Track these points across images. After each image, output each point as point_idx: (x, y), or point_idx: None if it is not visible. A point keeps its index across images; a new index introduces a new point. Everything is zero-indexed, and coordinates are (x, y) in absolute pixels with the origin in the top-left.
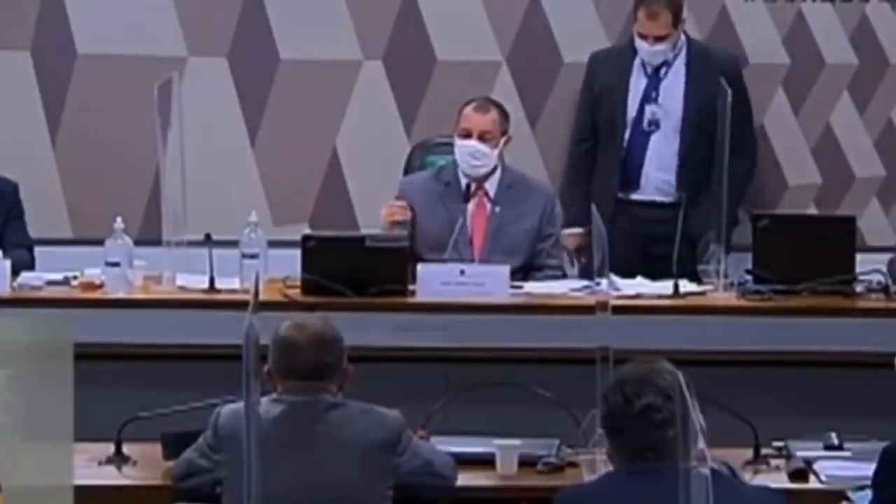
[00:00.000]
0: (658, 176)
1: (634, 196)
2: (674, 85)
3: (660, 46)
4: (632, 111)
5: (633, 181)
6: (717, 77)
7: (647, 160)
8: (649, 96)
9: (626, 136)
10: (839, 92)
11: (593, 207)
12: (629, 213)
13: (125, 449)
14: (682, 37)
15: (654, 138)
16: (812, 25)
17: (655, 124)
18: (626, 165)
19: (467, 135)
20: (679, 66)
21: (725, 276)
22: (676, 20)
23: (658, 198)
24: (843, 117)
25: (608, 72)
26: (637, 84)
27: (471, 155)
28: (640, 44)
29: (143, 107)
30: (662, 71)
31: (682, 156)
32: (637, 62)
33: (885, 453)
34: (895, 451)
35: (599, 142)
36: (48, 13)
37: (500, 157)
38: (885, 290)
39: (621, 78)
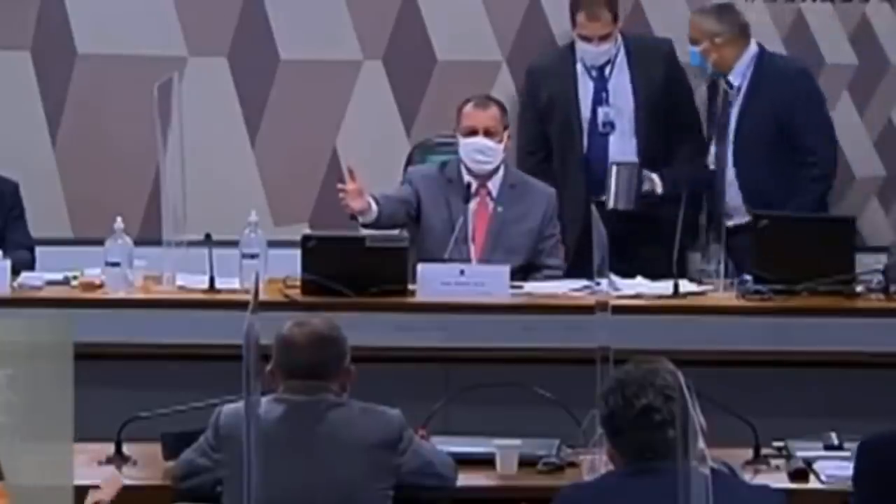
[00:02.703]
0: None
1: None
2: (621, 83)
3: (605, 46)
4: (585, 115)
5: (599, 185)
6: (657, 64)
7: (609, 162)
8: (600, 98)
9: (585, 141)
10: (839, 92)
11: (593, 208)
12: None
13: (125, 449)
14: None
15: (612, 139)
16: (812, 25)
17: (610, 125)
18: (589, 170)
19: (472, 132)
20: (621, 63)
21: (725, 276)
22: (615, 17)
23: None
24: (843, 117)
25: (553, 80)
26: (585, 88)
27: (479, 151)
28: (584, 47)
29: (143, 107)
30: (607, 71)
31: (641, 150)
32: (580, 68)
33: (860, 449)
34: (868, 447)
35: (555, 150)
36: (48, 13)
37: (506, 151)
38: (884, 290)
39: (569, 84)
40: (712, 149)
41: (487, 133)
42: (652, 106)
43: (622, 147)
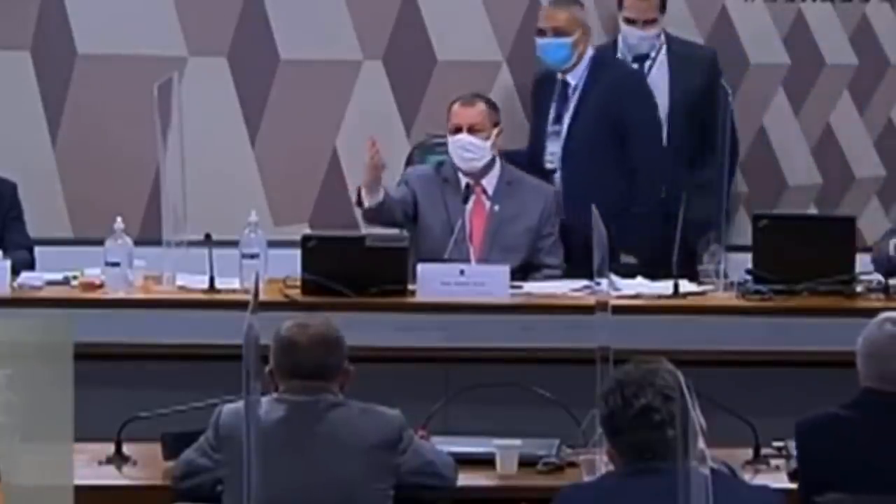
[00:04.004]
0: None
1: None
2: (658, 80)
3: (650, 31)
4: None
5: None
6: (699, 70)
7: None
8: None
9: None
10: (839, 92)
11: (593, 207)
12: None
13: (125, 449)
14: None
15: None
16: (812, 25)
17: None
18: None
19: (458, 130)
20: (662, 61)
21: (725, 276)
22: (663, 4)
23: None
24: (843, 117)
25: None
26: None
27: (462, 148)
28: (628, 30)
29: (143, 107)
30: (647, 66)
31: (670, 147)
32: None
33: (796, 433)
34: (803, 430)
35: None
36: (48, 13)
37: (495, 148)
38: (885, 290)
39: None
40: (548, 147)
41: (472, 130)
42: (685, 108)
43: None
